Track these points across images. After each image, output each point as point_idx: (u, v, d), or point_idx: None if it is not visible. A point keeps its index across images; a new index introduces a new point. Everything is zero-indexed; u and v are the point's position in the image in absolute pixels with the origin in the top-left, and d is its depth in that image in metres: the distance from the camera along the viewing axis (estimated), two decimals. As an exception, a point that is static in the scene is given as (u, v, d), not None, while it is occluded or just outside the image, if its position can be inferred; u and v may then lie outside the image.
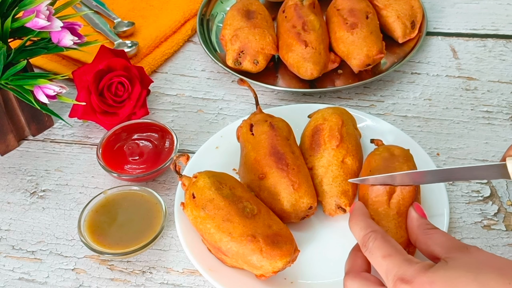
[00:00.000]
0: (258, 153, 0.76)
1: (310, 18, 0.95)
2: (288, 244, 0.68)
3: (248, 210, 0.70)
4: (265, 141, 0.77)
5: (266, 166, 0.75)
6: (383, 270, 0.57)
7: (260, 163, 0.75)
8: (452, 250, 0.57)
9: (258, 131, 0.78)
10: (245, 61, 0.95)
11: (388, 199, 0.69)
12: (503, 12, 1.10)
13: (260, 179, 0.75)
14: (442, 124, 0.91)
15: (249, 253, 0.67)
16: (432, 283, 0.53)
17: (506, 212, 0.80)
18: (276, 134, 0.77)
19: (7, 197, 0.85)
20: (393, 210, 0.68)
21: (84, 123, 0.94)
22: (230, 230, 0.68)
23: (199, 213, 0.70)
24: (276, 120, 0.80)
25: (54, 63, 1.01)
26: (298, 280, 0.72)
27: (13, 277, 0.76)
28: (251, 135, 0.78)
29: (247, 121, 0.80)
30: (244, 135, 0.79)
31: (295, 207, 0.74)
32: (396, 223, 0.68)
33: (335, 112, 0.80)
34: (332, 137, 0.77)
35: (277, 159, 0.75)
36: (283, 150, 0.76)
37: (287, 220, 0.75)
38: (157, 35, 1.05)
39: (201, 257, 0.72)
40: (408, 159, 0.73)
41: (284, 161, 0.75)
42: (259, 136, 0.78)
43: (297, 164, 0.75)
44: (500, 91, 0.96)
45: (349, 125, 0.80)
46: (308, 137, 0.80)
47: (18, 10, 0.78)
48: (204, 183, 0.71)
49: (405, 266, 0.56)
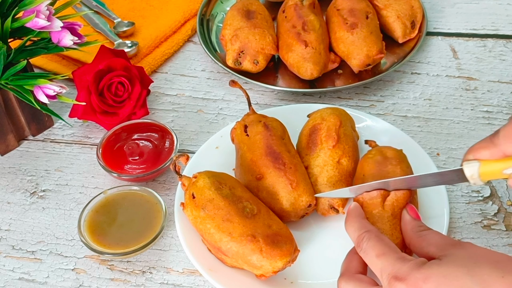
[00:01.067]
0: (254, 154, 0.76)
1: (310, 18, 0.95)
2: (288, 244, 0.68)
3: (248, 210, 0.70)
4: (261, 142, 0.77)
5: (263, 166, 0.75)
6: (378, 269, 0.57)
7: (257, 163, 0.75)
8: (446, 248, 0.57)
9: (252, 132, 0.78)
10: (245, 61, 0.95)
11: (382, 201, 0.69)
12: (503, 12, 1.10)
13: (257, 179, 0.75)
14: (442, 124, 0.91)
15: (249, 253, 0.67)
16: (426, 279, 0.53)
17: (506, 212, 0.80)
18: (271, 134, 0.77)
19: (7, 197, 0.85)
20: (387, 212, 0.68)
21: (84, 123, 0.94)
22: (230, 230, 0.68)
23: (199, 213, 0.70)
24: (270, 120, 0.79)
25: (54, 63, 1.01)
26: (298, 280, 0.72)
27: (13, 277, 0.76)
28: (245, 136, 0.78)
29: (240, 123, 0.80)
30: (239, 137, 0.79)
31: (295, 205, 0.74)
32: (391, 224, 0.68)
33: (334, 112, 0.80)
34: (329, 137, 0.77)
35: (273, 158, 0.75)
36: (279, 150, 0.76)
37: (287, 219, 0.75)
38: (157, 35, 1.05)
39: (201, 257, 0.72)
40: (401, 161, 0.73)
41: (280, 160, 0.75)
42: (254, 136, 0.77)
43: (294, 163, 0.75)
44: (500, 91, 0.96)
45: (347, 126, 0.80)
46: (305, 136, 0.80)
47: (18, 10, 0.78)
48: (204, 183, 0.71)
49: (399, 264, 0.56)
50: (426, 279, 0.53)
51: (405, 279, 0.54)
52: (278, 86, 0.96)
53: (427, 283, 0.53)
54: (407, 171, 0.72)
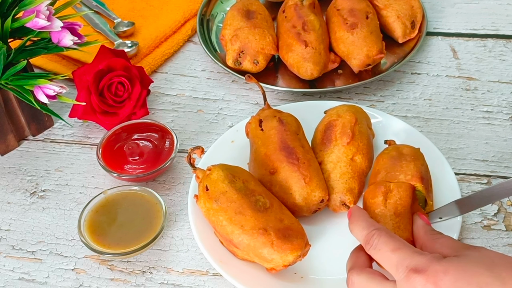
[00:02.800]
0: (268, 148, 0.77)
1: (310, 18, 0.95)
2: (299, 238, 0.68)
3: (261, 204, 0.70)
4: (275, 136, 0.77)
5: (276, 161, 0.75)
6: (393, 263, 0.57)
7: (271, 158, 0.76)
8: (460, 250, 0.57)
9: (267, 127, 0.78)
10: (245, 61, 0.95)
11: (384, 199, 0.69)
12: (503, 12, 1.10)
13: (271, 174, 0.75)
14: (442, 124, 0.91)
15: (260, 246, 0.68)
16: (446, 271, 0.53)
17: (506, 212, 0.80)
18: (285, 129, 0.78)
19: (7, 197, 0.85)
20: (390, 210, 0.68)
21: (84, 123, 0.94)
22: (242, 222, 0.68)
23: (212, 205, 0.70)
24: (284, 115, 0.80)
25: (54, 63, 1.01)
26: (308, 275, 0.72)
27: (13, 277, 0.76)
28: (260, 130, 0.79)
29: (256, 117, 0.81)
30: (254, 131, 0.80)
31: (307, 200, 0.74)
32: (394, 223, 0.67)
33: (350, 109, 0.81)
34: (344, 134, 0.78)
35: (287, 153, 0.75)
36: (293, 145, 0.76)
37: (299, 214, 0.75)
38: (157, 35, 1.05)
39: (213, 249, 0.72)
40: (416, 158, 0.73)
41: (294, 155, 0.75)
42: (269, 131, 0.78)
43: (307, 158, 0.76)
44: (500, 91, 0.96)
45: (363, 123, 0.80)
46: (320, 132, 0.81)
47: (18, 10, 0.78)
48: (217, 176, 0.71)
49: (417, 257, 0.55)
50: (446, 271, 0.53)
51: (425, 270, 0.54)
52: (278, 86, 0.96)
53: (447, 275, 0.53)
54: (421, 169, 0.72)
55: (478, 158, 0.86)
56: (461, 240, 0.77)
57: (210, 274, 0.75)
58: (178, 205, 0.82)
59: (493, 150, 0.87)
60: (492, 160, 0.86)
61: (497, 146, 0.88)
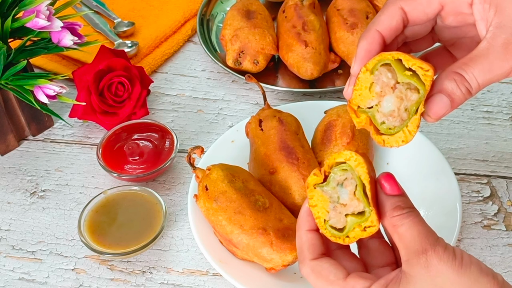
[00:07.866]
0: (268, 148, 0.77)
1: (310, 18, 0.95)
2: None
3: (260, 204, 0.70)
4: (275, 136, 0.77)
5: (276, 160, 0.76)
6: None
7: (270, 158, 0.76)
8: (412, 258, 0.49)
9: (267, 127, 0.79)
10: (245, 61, 0.95)
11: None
12: (503, 12, 1.10)
13: (270, 173, 0.76)
14: (442, 124, 0.91)
15: (259, 246, 0.68)
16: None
17: (506, 212, 0.80)
18: (285, 129, 0.78)
19: (7, 197, 0.85)
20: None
21: (84, 123, 0.94)
22: (241, 222, 0.69)
23: (212, 205, 0.70)
24: (284, 115, 0.80)
25: (54, 63, 1.01)
26: None
27: (13, 277, 0.76)
28: (260, 130, 0.79)
29: (255, 117, 0.81)
30: (253, 131, 0.80)
31: None
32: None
33: None
34: (344, 134, 0.78)
35: (287, 153, 0.76)
36: (293, 145, 0.76)
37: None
38: (157, 35, 1.05)
39: (212, 249, 0.72)
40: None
41: (294, 155, 0.75)
42: (269, 131, 0.78)
43: (307, 158, 0.76)
44: (500, 91, 0.95)
45: None
46: (320, 132, 0.81)
47: (18, 10, 0.78)
48: (217, 176, 0.71)
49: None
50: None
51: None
52: (278, 86, 0.96)
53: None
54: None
55: (478, 158, 0.86)
56: (461, 240, 0.77)
57: (210, 274, 0.75)
58: (178, 205, 0.82)
59: (493, 150, 0.87)
60: (492, 160, 0.86)
61: (497, 146, 0.88)
